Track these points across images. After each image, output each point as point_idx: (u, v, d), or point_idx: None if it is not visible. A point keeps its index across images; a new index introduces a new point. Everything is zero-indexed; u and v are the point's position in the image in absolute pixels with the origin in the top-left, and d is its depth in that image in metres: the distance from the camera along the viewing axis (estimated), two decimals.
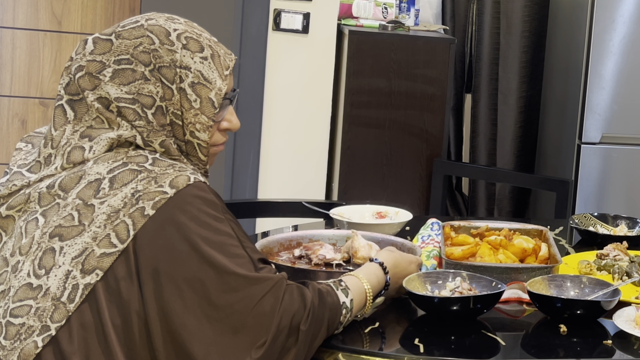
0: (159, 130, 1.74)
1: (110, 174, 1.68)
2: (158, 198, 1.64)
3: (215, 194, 1.71)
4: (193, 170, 1.72)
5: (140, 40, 1.75)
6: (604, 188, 3.91)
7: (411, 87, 3.94)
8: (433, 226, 2.47)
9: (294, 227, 2.63)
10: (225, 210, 1.71)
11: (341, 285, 1.83)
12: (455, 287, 2.05)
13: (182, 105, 1.76)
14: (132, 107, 1.73)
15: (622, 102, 3.85)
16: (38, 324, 1.61)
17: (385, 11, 4.14)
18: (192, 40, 1.78)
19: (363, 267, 1.95)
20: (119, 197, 1.66)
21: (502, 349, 1.90)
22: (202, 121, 1.78)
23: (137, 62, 1.73)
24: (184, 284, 1.63)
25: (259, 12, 3.88)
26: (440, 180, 3.95)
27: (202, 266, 1.64)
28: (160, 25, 1.77)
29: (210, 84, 1.78)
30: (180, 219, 1.64)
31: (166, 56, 1.75)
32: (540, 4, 4.40)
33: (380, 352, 1.83)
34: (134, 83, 1.73)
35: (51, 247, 1.65)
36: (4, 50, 4.09)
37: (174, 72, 1.75)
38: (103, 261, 1.62)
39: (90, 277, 1.62)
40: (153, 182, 1.66)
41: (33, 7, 4.09)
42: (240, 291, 1.65)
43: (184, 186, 1.66)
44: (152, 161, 1.71)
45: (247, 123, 3.92)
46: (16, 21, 4.11)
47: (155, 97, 1.74)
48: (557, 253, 2.27)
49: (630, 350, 1.90)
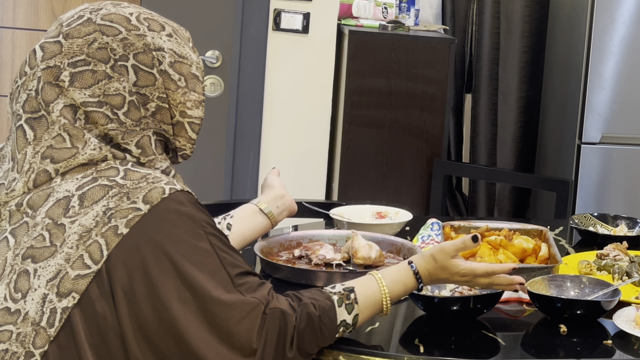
0: (134, 129, 1.67)
1: (79, 190, 1.61)
2: (131, 215, 1.58)
3: (192, 203, 1.64)
4: (168, 180, 1.64)
5: (93, 36, 1.66)
6: (604, 188, 3.91)
7: (411, 87, 3.94)
8: (433, 226, 2.47)
9: (294, 227, 2.63)
10: (203, 223, 1.63)
11: (349, 299, 1.74)
12: (455, 287, 2.05)
13: (167, 87, 1.69)
14: (100, 111, 1.65)
15: (622, 102, 3.85)
16: (21, 350, 1.57)
17: (385, 11, 4.14)
18: (151, 20, 1.71)
19: (393, 272, 1.84)
20: (90, 215, 1.59)
21: (502, 349, 1.90)
22: (193, 98, 1.72)
23: (95, 62, 1.65)
24: (160, 305, 1.58)
25: (259, 12, 3.87)
26: (440, 180, 3.95)
27: (178, 287, 1.59)
28: (116, 13, 1.69)
29: (186, 59, 1.72)
30: (155, 238, 1.58)
31: (138, 42, 1.67)
32: (540, 4, 4.40)
33: (380, 352, 1.83)
34: (97, 85, 1.65)
35: (25, 269, 1.59)
36: (4, 50, 4.09)
37: (151, 56, 1.68)
38: (78, 283, 1.57)
39: (67, 301, 1.57)
40: (125, 198, 1.60)
41: (33, 7, 4.09)
42: (217, 315, 1.60)
43: (158, 201, 1.59)
44: (123, 174, 1.63)
45: (247, 123, 3.92)
46: (16, 21, 4.11)
47: (124, 93, 1.66)
48: (557, 253, 2.27)
49: (630, 350, 1.90)
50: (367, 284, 1.79)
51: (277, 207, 2.25)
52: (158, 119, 1.70)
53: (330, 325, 1.71)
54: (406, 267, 1.84)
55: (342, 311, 1.72)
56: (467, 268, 1.87)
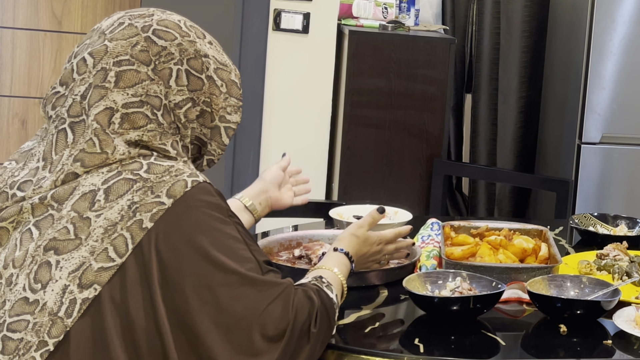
0: (168, 131, 1.72)
1: (105, 184, 1.64)
2: (155, 209, 1.62)
3: (219, 194, 1.69)
4: (191, 172, 1.68)
5: (136, 39, 1.72)
6: (604, 188, 3.91)
7: (411, 87, 3.94)
8: (433, 226, 2.47)
9: (294, 227, 2.63)
10: (230, 212, 1.69)
11: (323, 282, 1.80)
12: (455, 287, 2.05)
13: (212, 92, 1.77)
14: (140, 111, 1.69)
15: (622, 102, 3.85)
16: (35, 339, 1.59)
17: (385, 11, 4.14)
18: (194, 28, 1.79)
19: (333, 259, 1.93)
20: (116, 209, 1.62)
21: (502, 349, 1.90)
22: (233, 103, 1.79)
23: (138, 63, 1.70)
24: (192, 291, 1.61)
25: (259, 12, 3.88)
26: (440, 180, 3.95)
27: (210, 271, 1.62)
28: (169, 20, 1.76)
29: (226, 66, 1.80)
30: (183, 227, 1.62)
31: (190, 48, 1.74)
32: (540, 4, 4.40)
33: (380, 352, 1.83)
34: (140, 84, 1.70)
35: (47, 260, 1.62)
36: (4, 50, 4.10)
37: (200, 61, 1.75)
38: (101, 275, 1.59)
39: (88, 292, 1.59)
40: (149, 192, 1.63)
41: (33, 7, 4.09)
42: (250, 297, 1.64)
43: (181, 194, 1.63)
44: (147, 167, 1.66)
45: (247, 123, 3.92)
46: (16, 21, 4.11)
47: (161, 96, 1.71)
48: (557, 253, 2.27)
49: (630, 350, 1.90)
50: (325, 273, 1.87)
51: (260, 203, 2.32)
52: (200, 122, 1.77)
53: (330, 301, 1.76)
54: (335, 252, 1.95)
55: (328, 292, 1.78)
56: (379, 235, 2.08)
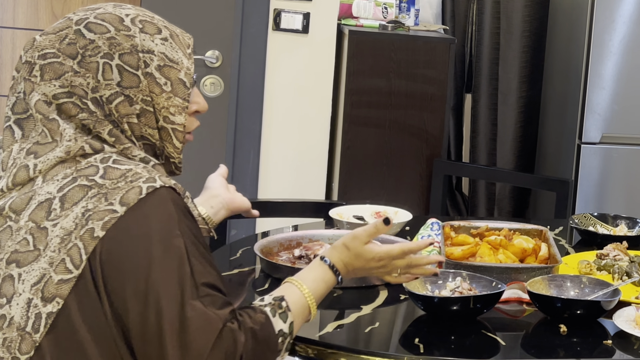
0: (103, 119, 1.66)
1: (60, 192, 1.60)
2: (108, 217, 1.57)
3: (173, 201, 1.61)
4: (148, 177, 1.61)
5: (65, 32, 1.68)
6: (604, 188, 3.91)
7: (411, 87, 3.94)
8: (433, 226, 2.47)
9: (294, 227, 2.63)
10: (181, 224, 1.59)
11: (281, 307, 1.69)
12: (455, 287, 2.05)
13: (152, 90, 1.69)
14: (71, 100, 1.65)
15: (622, 102, 3.85)
16: (8, 355, 1.56)
17: (385, 11, 4.14)
18: (147, 23, 1.71)
19: (311, 272, 1.79)
20: (71, 217, 1.58)
21: (502, 349, 1.90)
22: (176, 103, 1.70)
23: (64, 56, 1.66)
24: (132, 302, 1.55)
25: (259, 12, 3.87)
26: (440, 180, 3.95)
27: (143, 287, 1.55)
28: (112, 13, 1.70)
29: (176, 64, 1.71)
30: (131, 236, 1.56)
31: (125, 42, 1.68)
32: (540, 4, 4.40)
33: (380, 352, 1.83)
34: (64, 76, 1.65)
35: (9, 274, 1.58)
36: (4, 50, 4.09)
37: (137, 57, 1.68)
38: (62, 288, 1.56)
39: (52, 306, 1.56)
40: (103, 199, 1.58)
41: (33, 7, 4.09)
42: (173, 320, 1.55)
43: (135, 202, 1.57)
44: (102, 172, 1.62)
45: (247, 123, 3.92)
46: (16, 21, 4.11)
47: (87, 89, 1.66)
48: (557, 253, 2.27)
49: (630, 350, 1.90)
50: (291, 290, 1.74)
51: (212, 207, 2.22)
52: (143, 122, 1.69)
53: (270, 337, 1.66)
54: (320, 263, 1.80)
55: (277, 321, 1.68)
56: (382, 251, 1.82)
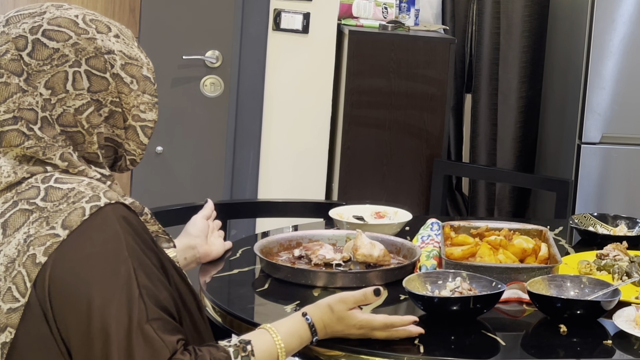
0: (54, 143, 1.58)
1: (2, 218, 1.54)
2: (49, 242, 1.50)
3: (121, 219, 1.54)
4: (92, 194, 1.54)
5: (5, 47, 1.57)
6: (604, 188, 3.91)
7: (411, 87, 3.94)
8: (433, 226, 2.47)
9: (294, 227, 2.63)
10: (129, 245, 1.53)
11: (245, 351, 1.62)
12: (455, 287, 2.05)
13: (120, 91, 1.63)
14: (15, 128, 1.55)
15: (622, 102, 3.85)
16: None
17: (385, 11, 4.14)
18: (97, 22, 1.64)
19: (289, 324, 1.75)
20: (13, 244, 1.51)
21: (502, 349, 1.90)
22: (146, 100, 1.65)
23: (8, 74, 1.56)
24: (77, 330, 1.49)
25: (259, 12, 3.88)
26: (440, 180, 3.95)
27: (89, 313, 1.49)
28: (62, 17, 1.61)
29: (137, 60, 1.65)
30: (74, 260, 1.50)
31: (89, 46, 1.60)
32: (540, 4, 4.40)
33: (380, 352, 1.83)
34: (10, 99, 1.56)
35: None
36: None
37: (103, 59, 1.61)
38: (11, 317, 1.50)
39: (5, 336, 1.51)
40: (45, 223, 1.51)
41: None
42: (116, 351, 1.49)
43: (78, 224, 1.50)
44: (44, 193, 1.54)
45: (247, 123, 3.92)
46: None
47: (37, 108, 1.56)
48: (557, 253, 2.27)
49: (630, 350, 1.90)
50: (262, 337, 1.70)
51: (185, 258, 2.20)
52: (111, 123, 1.64)
53: None
54: (301, 319, 1.77)
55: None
56: (364, 320, 1.82)
